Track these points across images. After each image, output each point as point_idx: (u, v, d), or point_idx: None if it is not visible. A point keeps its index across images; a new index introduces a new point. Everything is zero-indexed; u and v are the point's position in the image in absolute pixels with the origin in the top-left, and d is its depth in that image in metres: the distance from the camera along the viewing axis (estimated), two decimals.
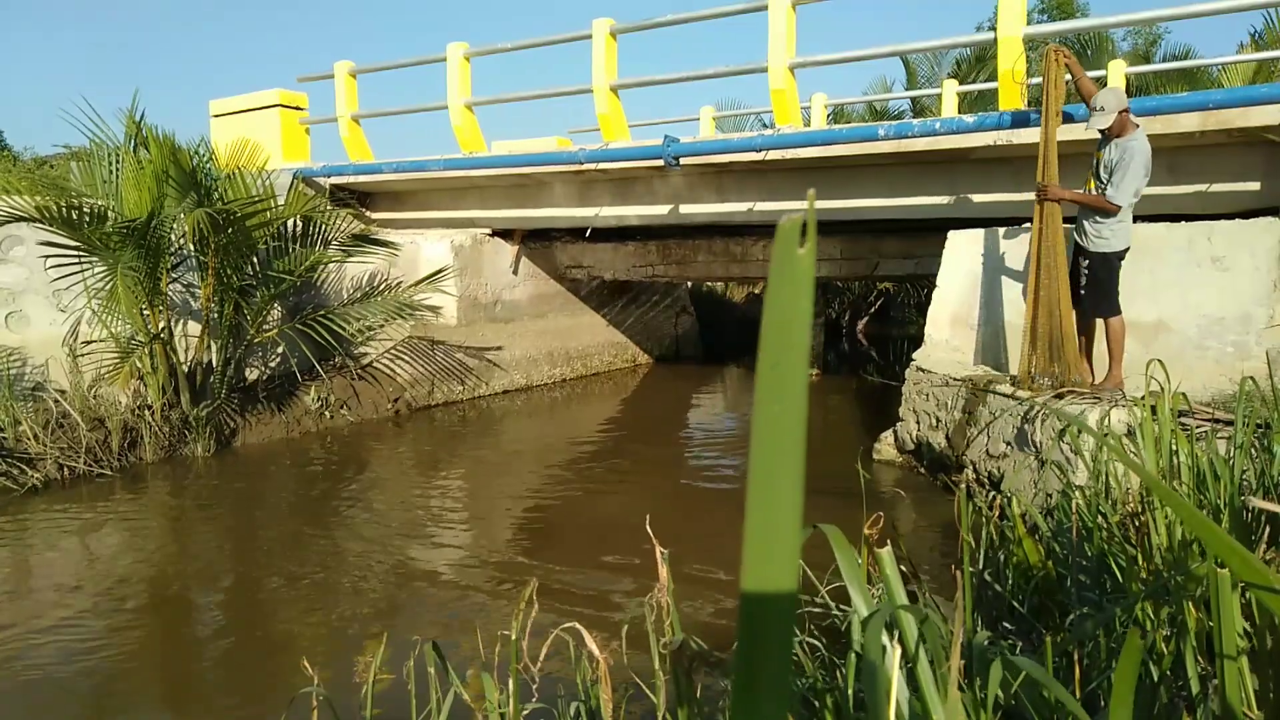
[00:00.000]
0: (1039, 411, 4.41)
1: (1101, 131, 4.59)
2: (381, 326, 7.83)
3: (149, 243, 5.87)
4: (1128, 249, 4.63)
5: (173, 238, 6.22)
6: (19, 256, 6.34)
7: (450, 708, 1.56)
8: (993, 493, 4.51)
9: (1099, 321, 4.81)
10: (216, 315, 6.54)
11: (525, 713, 1.62)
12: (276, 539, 4.72)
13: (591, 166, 7.53)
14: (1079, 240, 4.73)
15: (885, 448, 6.06)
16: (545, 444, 7.19)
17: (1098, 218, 4.60)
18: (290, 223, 7.06)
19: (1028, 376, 4.94)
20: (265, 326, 6.94)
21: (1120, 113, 4.53)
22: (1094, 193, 4.70)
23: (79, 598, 3.81)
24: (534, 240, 9.77)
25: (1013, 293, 5.66)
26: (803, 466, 0.33)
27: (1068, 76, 5.04)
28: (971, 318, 5.88)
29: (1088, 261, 4.69)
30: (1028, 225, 5.63)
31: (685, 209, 7.87)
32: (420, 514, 5.18)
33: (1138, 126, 4.54)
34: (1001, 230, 5.79)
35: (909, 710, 1.12)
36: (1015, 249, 5.68)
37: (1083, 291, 4.76)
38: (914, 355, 5.98)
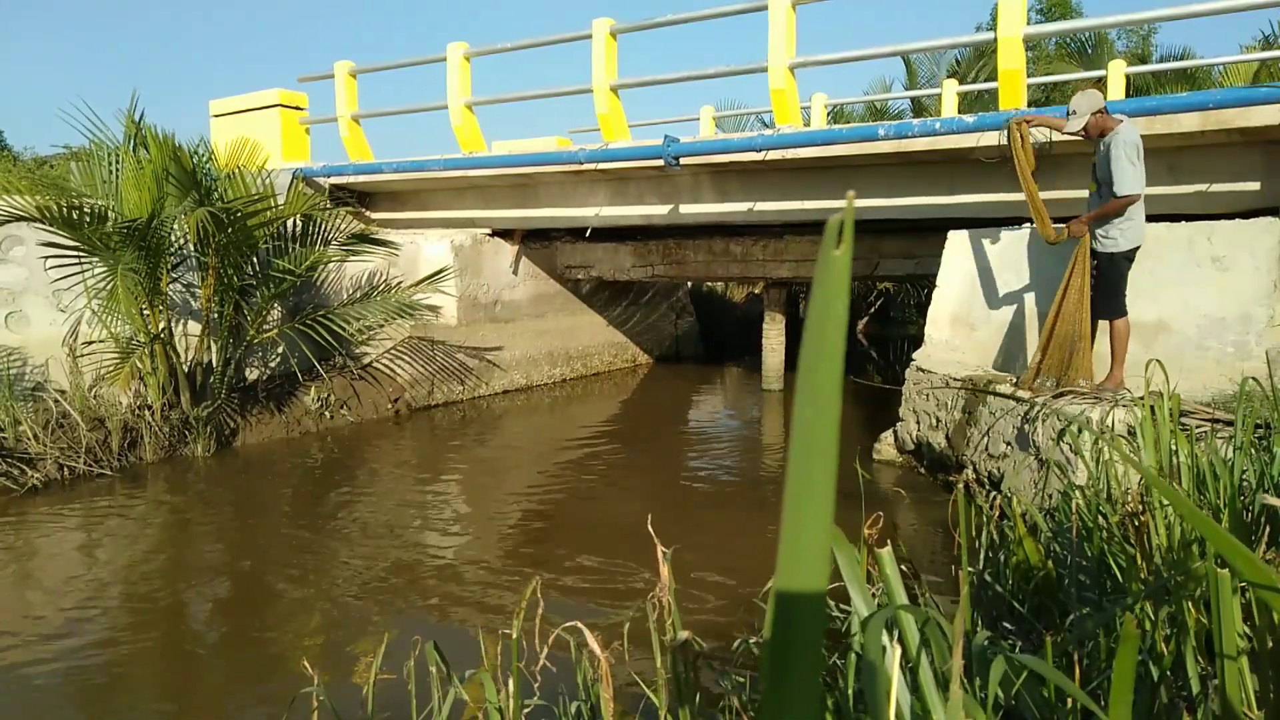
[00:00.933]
0: (1039, 411, 4.42)
1: (1085, 136, 4.65)
2: (381, 326, 7.83)
3: (149, 243, 5.87)
4: (1137, 249, 4.59)
5: (173, 238, 6.23)
6: (19, 256, 6.34)
7: (451, 707, 1.56)
8: (993, 493, 4.51)
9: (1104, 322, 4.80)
10: (216, 315, 6.54)
11: (527, 710, 1.62)
12: (276, 539, 4.72)
13: (591, 166, 7.53)
14: (1090, 242, 4.73)
15: (885, 448, 6.06)
16: (545, 444, 7.19)
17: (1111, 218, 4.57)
18: (290, 222, 7.06)
19: (1032, 378, 4.94)
20: (265, 326, 6.94)
21: (1094, 114, 4.59)
22: (1092, 196, 4.70)
23: (79, 597, 3.81)
24: (534, 240, 9.77)
25: (1013, 292, 5.67)
26: (835, 469, 0.33)
27: (1044, 137, 5.17)
28: (971, 318, 5.88)
29: (1096, 262, 4.67)
30: (1028, 225, 5.64)
31: (685, 209, 7.87)
32: (420, 514, 5.18)
33: (1121, 121, 4.54)
34: (1002, 230, 5.79)
35: (909, 711, 1.12)
36: (1015, 249, 5.68)
37: (1091, 293, 4.75)
38: (914, 355, 5.98)
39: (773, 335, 9.66)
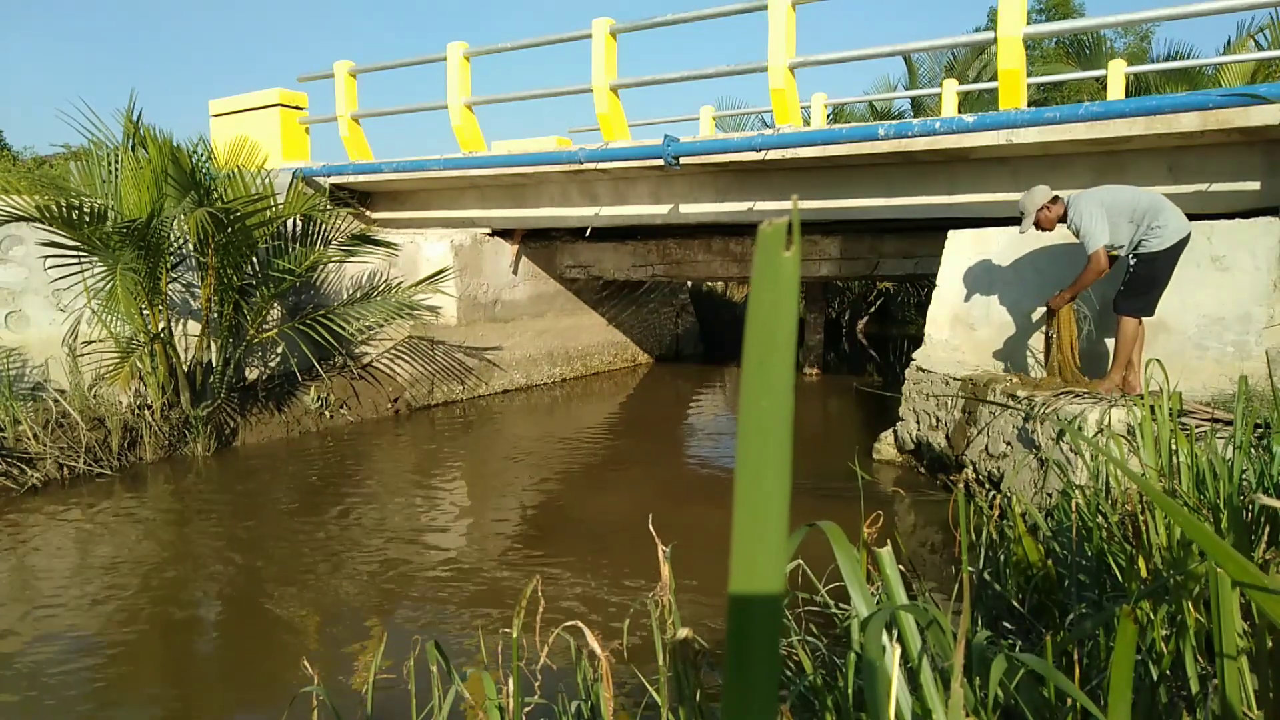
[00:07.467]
0: (1039, 411, 4.42)
1: (1041, 229, 4.88)
2: (381, 326, 7.83)
3: (149, 242, 5.87)
4: (1175, 247, 4.57)
5: (172, 237, 6.22)
6: (19, 256, 6.34)
7: (451, 707, 1.56)
8: (993, 492, 4.52)
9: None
10: (216, 315, 6.54)
11: (527, 709, 1.62)
12: (276, 539, 4.72)
13: (591, 166, 7.53)
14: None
15: (885, 447, 6.06)
16: (545, 443, 7.19)
17: (1148, 225, 4.58)
18: (290, 222, 7.06)
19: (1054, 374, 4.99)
20: (265, 326, 6.94)
21: (1041, 210, 4.79)
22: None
23: (78, 597, 3.81)
24: (534, 240, 9.77)
25: (1013, 292, 5.67)
26: (789, 462, 0.33)
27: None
28: (971, 318, 5.88)
29: (1135, 261, 4.66)
30: None
31: (685, 209, 7.87)
32: (420, 513, 5.18)
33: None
34: (1001, 230, 5.79)
35: (909, 711, 1.12)
36: (1015, 249, 5.68)
37: (1121, 288, 4.74)
38: (914, 355, 5.98)
39: None
